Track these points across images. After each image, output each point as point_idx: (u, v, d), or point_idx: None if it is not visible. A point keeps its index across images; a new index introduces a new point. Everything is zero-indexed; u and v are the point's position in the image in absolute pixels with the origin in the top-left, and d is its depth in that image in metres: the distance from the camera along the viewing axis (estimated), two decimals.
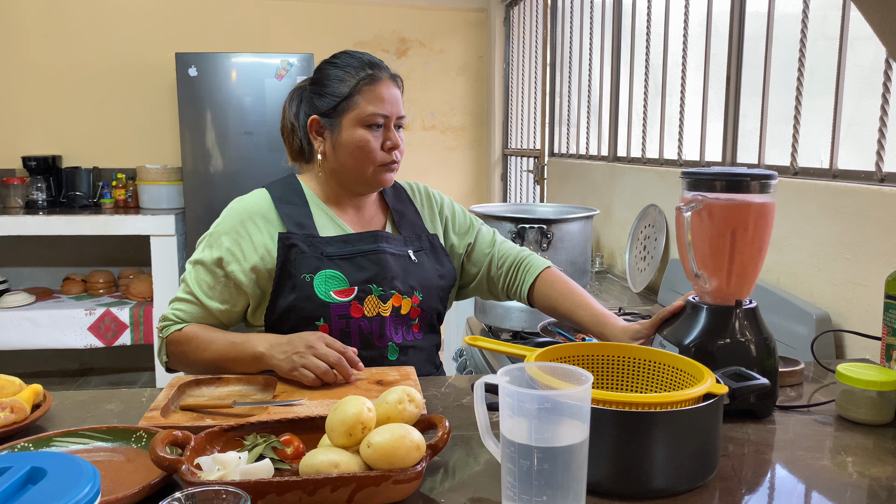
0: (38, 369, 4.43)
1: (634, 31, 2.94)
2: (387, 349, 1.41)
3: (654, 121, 2.76)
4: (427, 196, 1.60)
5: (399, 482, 0.83)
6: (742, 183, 1.11)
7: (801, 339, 1.64)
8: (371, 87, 1.39)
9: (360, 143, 1.39)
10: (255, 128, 4.02)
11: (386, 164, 1.42)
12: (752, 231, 1.12)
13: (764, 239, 1.14)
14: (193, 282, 1.40)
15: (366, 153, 1.40)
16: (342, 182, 1.46)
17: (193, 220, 4.03)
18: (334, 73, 1.42)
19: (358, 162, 1.41)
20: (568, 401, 0.78)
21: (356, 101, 1.39)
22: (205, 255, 1.41)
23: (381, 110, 1.39)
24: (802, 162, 1.90)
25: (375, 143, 1.40)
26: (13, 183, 4.17)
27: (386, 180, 1.45)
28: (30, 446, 0.97)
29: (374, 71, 1.41)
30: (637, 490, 0.87)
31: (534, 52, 4.25)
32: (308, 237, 1.40)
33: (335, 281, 1.37)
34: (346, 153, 1.41)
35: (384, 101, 1.40)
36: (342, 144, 1.41)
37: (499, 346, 1.12)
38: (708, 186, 1.12)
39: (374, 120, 1.39)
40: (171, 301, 1.41)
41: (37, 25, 4.33)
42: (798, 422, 1.13)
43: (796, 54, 1.88)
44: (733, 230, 1.11)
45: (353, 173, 1.43)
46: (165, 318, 1.39)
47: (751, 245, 1.12)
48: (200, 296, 1.39)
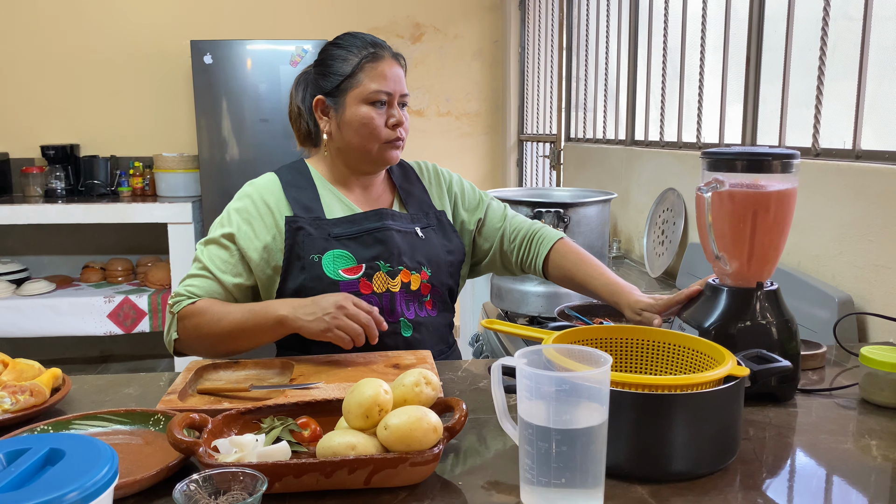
0: (58, 356, 4.49)
1: (652, 13, 2.90)
2: (399, 325, 1.42)
3: (672, 104, 2.73)
4: (435, 173, 1.61)
5: (416, 464, 0.83)
6: (763, 163, 1.09)
7: (823, 323, 1.61)
8: (373, 64, 1.41)
9: (364, 119, 1.41)
10: (271, 115, 4.01)
11: (391, 141, 1.43)
12: (773, 212, 1.10)
13: (786, 220, 1.12)
14: (207, 258, 1.39)
15: (370, 130, 1.41)
16: (349, 161, 1.48)
17: (210, 208, 4.04)
18: (337, 53, 1.44)
19: (363, 139, 1.42)
20: (586, 383, 0.77)
21: (359, 78, 1.41)
22: (217, 232, 1.41)
23: (384, 87, 1.41)
24: (824, 144, 1.86)
25: (379, 119, 1.41)
26: (32, 172, 4.20)
27: (391, 157, 1.45)
28: (49, 429, 0.97)
29: (377, 49, 1.43)
30: (657, 473, 0.86)
31: (550, 36, 4.21)
32: (315, 220, 1.41)
33: (343, 260, 1.39)
34: (351, 131, 1.42)
35: (387, 78, 1.41)
36: (347, 122, 1.43)
37: (516, 330, 1.12)
38: (728, 166, 1.10)
39: (377, 97, 1.40)
40: (183, 279, 1.39)
41: (54, 16, 4.35)
42: (820, 405, 1.11)
43: (818, 34, 1.84)
44: (754, 211, 1.09)
45: (359, 151, 1.44)
46: (178, 295, 1.37)
47: (772, 226, 1.10)
48: (215, 270, 1.38)
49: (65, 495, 0.63)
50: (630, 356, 1.05)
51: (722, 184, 1.10)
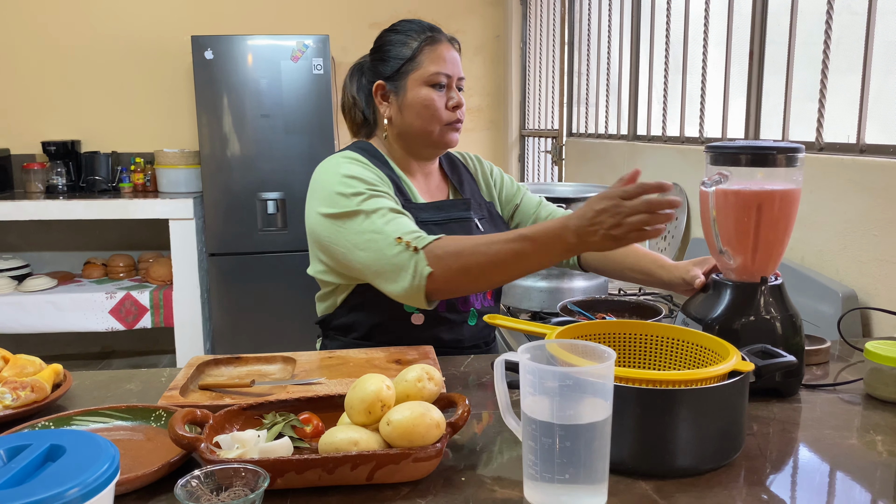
0: (60, 352, 4.49)
1: (654, 7, 2.89)
2: (468, 314, 1.45)
3: (674, 98, 2.72)
4: (480, 163, 1.65)
5: (419, 460, 0.83)
6: (768, 157, 1.08)
7: (827, 318, 1.61)
8: (432, 47, 1.43)
9: (425, 101, 1.42)
10: (272, 110, 4.00)
11: (451, 123, 1.44)
12: (778, 207, 1.09)
13: (791, 215, 1.11)
14: (386, 206, 1.28)
15: (431, 112, 1.42)
16: (409, 145, 1.48)
17: (211, 204, 4.04)
18: (396, 38, 1.46)
19: (424, 121, 1.43)
20: (590, 378, 0.77)
21: (419, 61, 1.42)
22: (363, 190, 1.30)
23: (443, 69, 1.42)
24: (828, 139, 1.86)
25: (440, 101, 1.43)
26: (33, 168, 4.20)
27: (451, 139, 1.46)
28: (50, 425, 0.97)
29: (434, 33, 1.45)
30: (661, 468, 0.86)
31: (551, 31, 4.20)
32: (406, 201, 1.41)
33: None
34: (412, 113, 1.43)
35: (446, 61, 1.43)
36: (408, 105, 1.43)
37: (519, 325, 1.11)
38: (732, 160, 1.10)
39: (437, 79, 1.42)
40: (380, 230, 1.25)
41: (55, 12, 4.34)
42: (825, 400, 1.11)
43: (822, 28, 1.83)
44: (759, 205, 1.09)
45: (421, 134, 1.44)
46: (408, 233, 1.23)
47: (777, 221, 1.09)
48: (404, 211, 1.30)
49: (66, 491, 0.62)
50: (634, 351, 1.04)
51: (725, 178, 1.09)
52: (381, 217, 1.27)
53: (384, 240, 1.24)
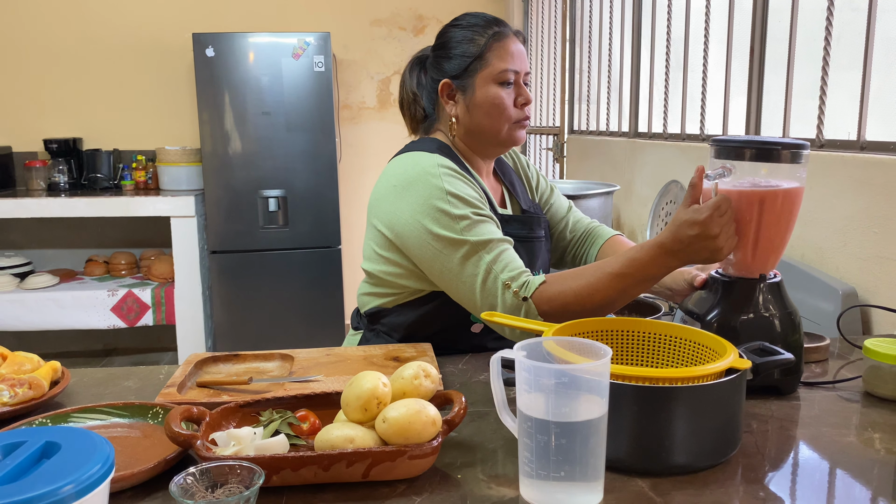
0: (62, 350, 4.50)
1: (655, 5, 2.88)
2: None
3: (675, 96, 2.72)
4: (518, 159, 1.61)
5: (415, 457, 0.82)
6: (773, 152, 1.07)
7: (826, 316, 1.60)
8: (500, 43, 1.38)
9: (495, 100, 1.38)
10: (273, 108, 4.00)
11: (519, 121, 1.41)
12: (781, 204, 1.08)
13: (793, 212, 1.11)
14: (490, 235, 1.26)
15: (501, 111, 1.38)
16: (476, 144, 1.44)
17: (213, 201, 4.04)
18: (461, 35, 1.40)
19: (493, 120, 1.39)
20: (586, 375, 0.77)
21: (487, 58, 1.38)
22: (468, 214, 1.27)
23: (512, 66, 1.38)
24: (829, 136, 1.85)
25: (508, 99, 1.38)
26: (35, 165, 4.20)
27: (519, 137, 1.42)
28: (48, 422, 0.97)
29: (501, 28, 1.40)
30: (657, 466, 0.85)
31: (553, 28, 4.19)
32: (493, 209, 1.38)
33: None
34: (481, 113, 1.39)
35: (513, 56, 1.38)
36: (477, 104, 1.39)
37: (516, 322, 1.11)
38: (737, 154, 1.09)
39: (506, 77, 1.38)
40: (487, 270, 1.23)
41: (56, 10, 4.34)
42: (823, 398, 1.10)
43: (823, 25, 1.83)
44: (761, 201, 1.08)
45: (489, 133, 1.40)
46: (513, 279, 1.22)
47: (779, 218, 1.09)
48: (506, 237, 1.28)
49: (60, 488, 0.62)
50: (631, 349, 1.04)
51: (729, 171, 1.09)
52: (488, 253, 1.25)
53: (492, 282, 1.23)
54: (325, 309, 4.18)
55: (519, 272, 1.23)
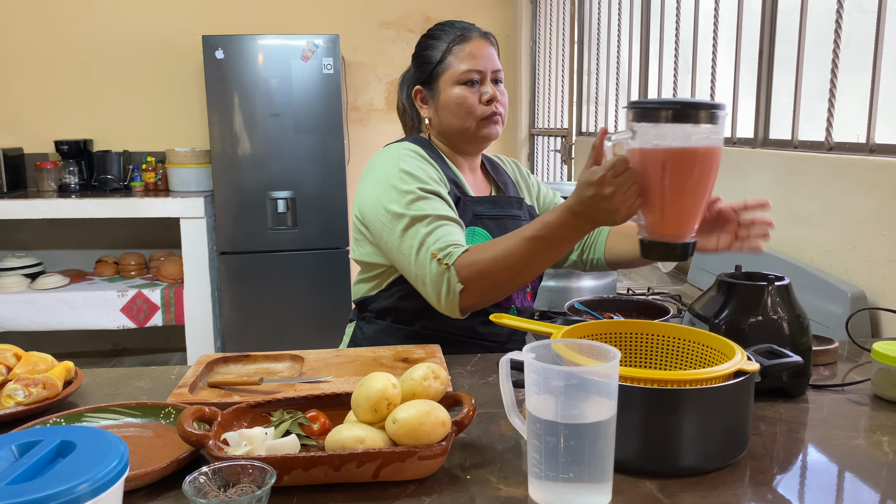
0: (72, 350, 4.52)
1: (664, 7, 2.88)
2: (510, 311, 1.47)
3: (684, 97, 2.71)
4: (518, 168, 1.67)
5: (424, 458, 0.83)
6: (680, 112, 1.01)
7: (835, 318, 1.60)
8: (461, 46, 1.45)
9: (457, 100, 1.44)
10: (282, 110, 4.02)
11: (487, 117, 1.45)
12: (687, 163, 1.02)
13: (703, 173, 1.03)
14: (433, 208, 1.31)
15: (465, 109, 1.44)
16: (451, 143, 1.51)
17: (222, 202, 4.06)
18: (428, 43, 1.49)
19: (459, 119, 1.45)
20: (595, 377, 0.77)
21: (449, 62, 1.45)
22: (419, 187, 1.34)
23: (473, 66, 1.44)
24: (838, 138, 1.85)
25: (473, 98, 1.44)
26: (46, 167, 4.23)
27: (490, 133, 1.47)
28: (61, 421, 0.98)
29: (464, 32, 1.47)
30: (665, 468, 0.86)
31: (561, 29, 4.19)
32: (463, 193, 1.44)
33: (480, 238, 1.41)
34: (447, 113, 1.46)
35: (475, 57, 1.44)
36: (443, 106, 1.46)
37: (525, 324, 1.11)
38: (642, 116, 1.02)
39: (468, 76, 1.44)
40: (421, 242, 1.28)
41: (66, 12, 4.37)
42: (832, 401, 1.10)
43: (832, 27, 1.83)
44: (664, 160, 1.02)
45: (458, 131, 1.47)
46: (441, 250, 1.26)
47: (686, 179, 1.03)
48: (450, 215, 1.32)
49: (75, 487, 0.63)
50: (639, 351, 1.05)
51: (633, 133, 1.04)
52: (425, 226, 1.30)
53: (424, 252, 1.28)
54: (333, 310, 4.19)
55: (447, 244, 1.28)
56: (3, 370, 1.09)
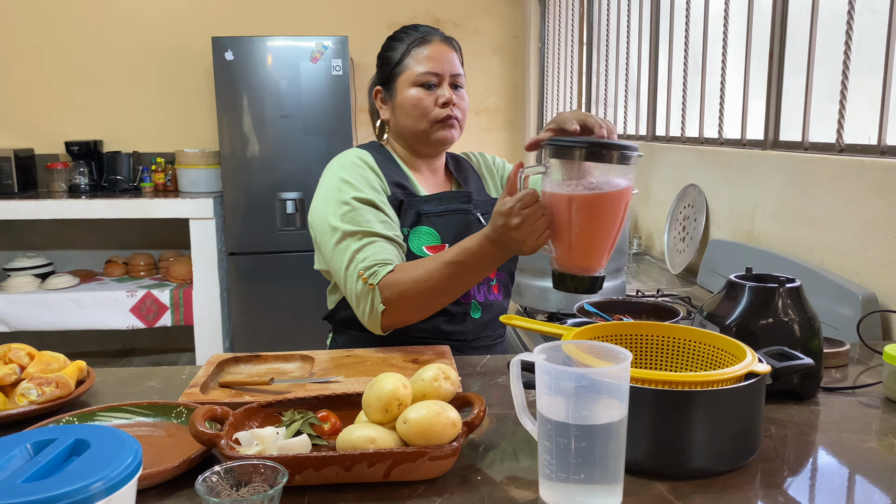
0: (82, 349, 4.55)
1: (674, 7, 2.87)
2: (470, 306, 1.46)
3: (693, 99, 2.71)
4: (484, 161, 1.66)
5: (435, 459, 0.83)
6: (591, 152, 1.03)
7: (846, 321, 1.59)
8: (420, 48, 1.45)
9: (413, 101, 1.44)
10: (291, 111, 4.03)
11: (442, 120, 1.45)
12: (593, 204, 1.05)
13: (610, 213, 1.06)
14: (364, 224, 1.34)
15: (419, 111, 1.44)
16: (408, 144, 1.51)
17: (231, 204, 4.07)
18: (390, 45, 1.50)
19: (414, 120, 1.45)
20: (606, 379, 0.77)
21: (407, 63, 1.46)
22: (353, 196, 1.37)
23: (430, 69, 1.44)
24: (849, 140, 1.84)
25: (428, 100, 1.44)
26: (57, 168, 4.26)
27: (445, 137, 1.47)
28: (74, 420, 0.99)
29: (424, 35, 1.47)
30: (676, 470, 0.86)
31: (570, 31, 4.19)
32: (408, 195, 1.45)
33: (428, 237, 1.42)
34: (403, 114, 1.47)
35: (433, 60, 1.44)
36: (399, 106, 1.47)
37: (535, 325, 1.11)
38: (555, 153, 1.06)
39: (425, 79, 1.44)
40: (351, 259, 1.32)
41: (77, 14, 4.40)
42: (843, 403, 1.10)
43: (843, 28, 1.82)
44: (570, 199, 1.05)
45: (413, 133, 1.47)
46: (367, 269, 1.30)
47: (593, 218, 1.06)
48: (380, 231, 1.34)
49: (90, 485, 0.63)
50: (650, 352, 1.04)
51: (546, 168, 1.08)
52: (356, 241, 1.34)
53: (352, 269, 1.32)
54: None
55: (374, 262, 1.31)
56: (17, 369, 1.10)
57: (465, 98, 1.48)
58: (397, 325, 1.34)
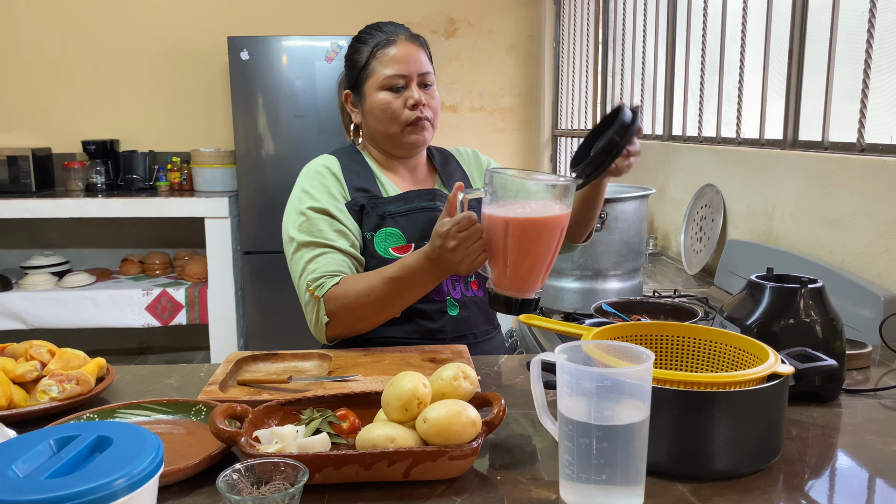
0: (99, 347, 4.58)
1: (690, 6, 2.85)
2: (445, 304, 1.45)
3: (711, 98, 2.69)
4: (475, 157, 1.64)
5: (455, 458, 0.83)
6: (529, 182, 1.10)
7: (868, 322, 1.58)
8: (385, 50, 1.43)
9: (381, 105, 1.43)
10: (306, 111, 4.04)
11: (412, 123, 1.43)
12: (528, 229, 1.10)
13: (545, 239, 1.11)
14: (318, 235, 1.36)
15: (388, 114, 1.43)
16: (381, 147, 1.50)
17: (246, 203, 4.09)
18: (355, 47, 1.49)
19: (384, 124, 1.44)
20: (628, 379, 0.77)
21: (373, 67, 1.44)
22: (310, 206, 1.39)
23: (397, 71, 1.42)
24: (870, 140, 1.82)
25: (397, 103, 1.43)
26: (74, 167, 4.29)
27: (416, 140, 1.45)
28: (95, 417, 0.99)
29: (389, 35, 1.45)
30: (698, 471, 0.85)
31: (585, 30, 4.17)
32: (372, 198, 1.44)
33: (394, 238, 1.42)
34: (373, 118, 1.46)
35: (399, 61, 1.42)
36: (368, 111, 1.46)
37: (554, 325, 1.11)
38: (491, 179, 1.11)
39: (392, 82, 1.42)
40: (303, 269, 1.35)
41: (94, 15, 4.42)
42: (866, 405, 1.09)
43: (864, 27, 1.80)
44: (506, 224, 1.10)
45: (384, 137, 1.46)
46: (314, 280, 1.33)
47: (529, 243, 1.11)
48: (330, 242, 1.36)
49: (113, 482, 0.64)
50: (670, 353, 1.04)
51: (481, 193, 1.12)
52: (308, 251, 1.37)
53: (302, 281, 1.36)
54: None
55: (322, 274, 1.34)
56: (38, 366, 1.10)
57: (435, 96, 1.46)
58: (342, 336, 1.37)
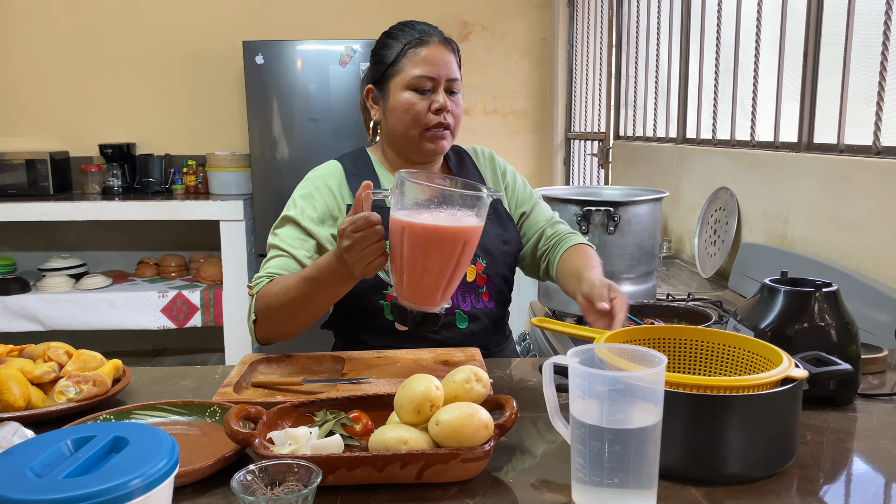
0: (114, 349, 4.62)
1: (704, 9, 2.84)
2: (455, 317, 1.42)
3: (725, 101, 2.68)
4: (491, 160, 1.60)
5: (467, 461, 0.83)
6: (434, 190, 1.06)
7: (883, 327, 1.56)
8: (417, 49, 1.40)
9: (405, 105, 1.39)
10: (321, 114, 4.06)
11: (433, 128, 1.40)
12: (426, 237, 1.06)
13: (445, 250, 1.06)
14: (278, 240, 1.39)
15: (411, 116, 1.39)
16: (398, 149, 1.47)
17: (261, 206, 4.11)
18: (385, 42, 1.45)
19: (405, 126, 1.40)
20: (640, 383, 0.77)
21: (402, 65, 1.40)
22: (286, 214, 1.42)
23: (426, 72, 1.38)
24: (886, 142, 1.81)
25: (422, 105, 1.39)
26: (91, 170, 4.34)
27: (433, 149, 1.42)
28: (111, 418, 1.01)
29: (422, 35, 1.41)
30: (711, 475, 0.85)
31: (599, 33, 4.17)
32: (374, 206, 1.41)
33: None
34: (394, 118, 1.41)
35: (430, 62, 1.38)
36: (391, 109, 1.42)
37: (567, 328, 1.11)
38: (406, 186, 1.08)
39: (420, 83, 1.38)
40: (263, 267, 1.38)
41: (110, 20, 4.47)
42: (881, 410, 1.08)
43: (880, 29, 1.79)
44: (402, 228, 1.07)
45: (403, 138, 1.42)
46: (257, 279, 1.34)
47: (426, 251, 1.07)
48: (287, 248, 1.37)
49: (129, 482, 0.65)
50: (683, 356, 1.03)
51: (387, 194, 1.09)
52: (270, 252, 1.38)
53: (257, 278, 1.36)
54: None
55: (265, 274, 1.34)
56: (56, 367, 1.12)
57: (459, 104, 1.43)
58: (269, 339, 1.33)
